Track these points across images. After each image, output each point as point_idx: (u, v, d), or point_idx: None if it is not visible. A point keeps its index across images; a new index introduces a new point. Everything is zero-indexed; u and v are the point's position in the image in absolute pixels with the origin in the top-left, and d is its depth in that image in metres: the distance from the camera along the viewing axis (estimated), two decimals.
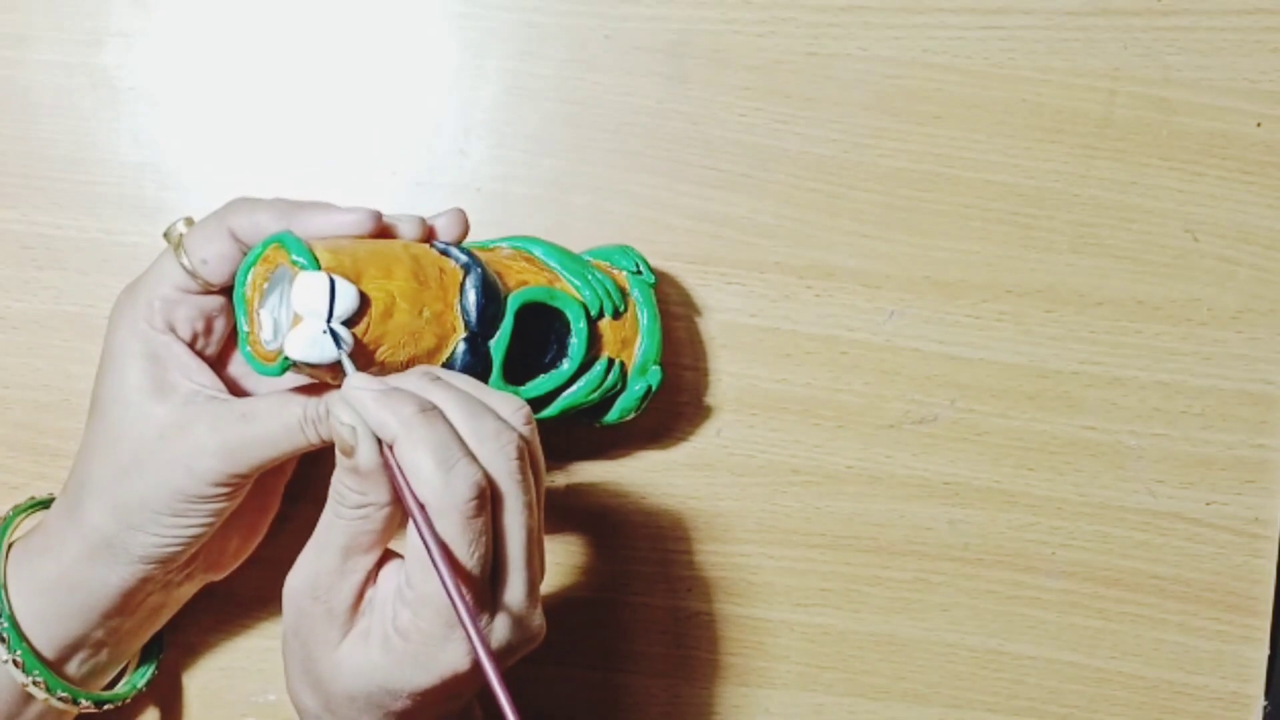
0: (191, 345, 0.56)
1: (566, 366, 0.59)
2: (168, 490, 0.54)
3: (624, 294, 0.61)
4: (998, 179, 0.66)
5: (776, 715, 0.67)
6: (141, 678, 0.62)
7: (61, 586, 0.56)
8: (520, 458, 0.50)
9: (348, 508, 0.50)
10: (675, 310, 0.66)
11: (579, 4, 0.66)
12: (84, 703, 0.58)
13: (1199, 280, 0.67)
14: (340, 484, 0.50)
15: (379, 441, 0.49)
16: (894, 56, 0.66)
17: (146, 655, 0.63)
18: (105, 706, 0.60)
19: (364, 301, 0.51)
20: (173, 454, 0.54)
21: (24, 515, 0.60)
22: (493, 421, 0.50)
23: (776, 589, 0.67)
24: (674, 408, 0.66)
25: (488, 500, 0.48)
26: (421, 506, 0.47)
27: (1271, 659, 0.67)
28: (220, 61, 0.66)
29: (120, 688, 0.61)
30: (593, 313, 0.59)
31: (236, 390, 0.58)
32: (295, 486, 0.63)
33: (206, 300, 0.56)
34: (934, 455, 0.67)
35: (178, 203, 0.65)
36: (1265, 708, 0.68)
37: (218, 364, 0.58)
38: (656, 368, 0.61)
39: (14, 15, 0.65)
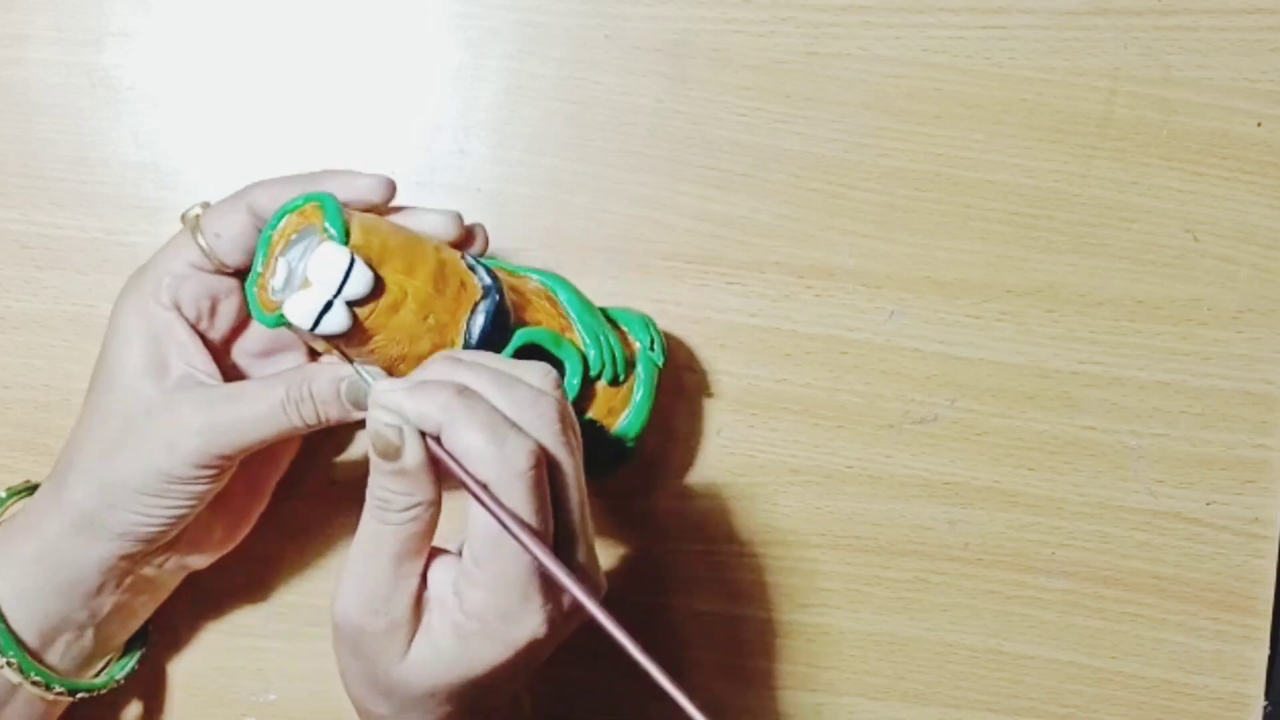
0: (195, 326, 0.57)
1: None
2: (150, 469, 0.54)
3: (630, 366, 0.60)
4: (998, 179, 0.66)
5: (778, 715, 0.67)
6: (121, 670, 0.61)
7: (42, 562, 0.56)
8: (561, 419, 0.50)
9: (396, 511, 0.49)
10: (675, 310, 0.66)
11: (579, 4, 0.66)
12: (57, 688, 0.58)
13: (1199, 280, 0.67)
14: (384, 490, 0.49)
15: (423, 436, 0.48)
16: (894, 56, 0.66)
17: (130, 650, 0.62)
18: (79, 695, 0.59)
19: (376, 290, 0.51)
20: (156, 432, 0.54)
21: (15, 499, 0.60)
22: (526, 390, 0.50)
23: (777, 589, 0.67)
24: (674, 407, 0.66)
25: (544, 467, 0.49)
26: (483, 485, 0.47)
27: (1271, 659, 0.67)
28: (220, 61, 0.66)
29: (98, 678, 0.61)
30: (592, 372, 0.58)
31: (234, 379, 0.58)
32: (286, 484, 0.63)
33: (216, 280, 0.57)
34: (934, 455, 0.67)
35: (178, 203, 0.65)
36: (1265, 708, 0.68)
37: (220, 353, 0.58)
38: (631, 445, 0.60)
39: (14, 15, 0.65)
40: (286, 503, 0.63)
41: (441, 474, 0.49)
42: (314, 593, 0.66)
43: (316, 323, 0.51)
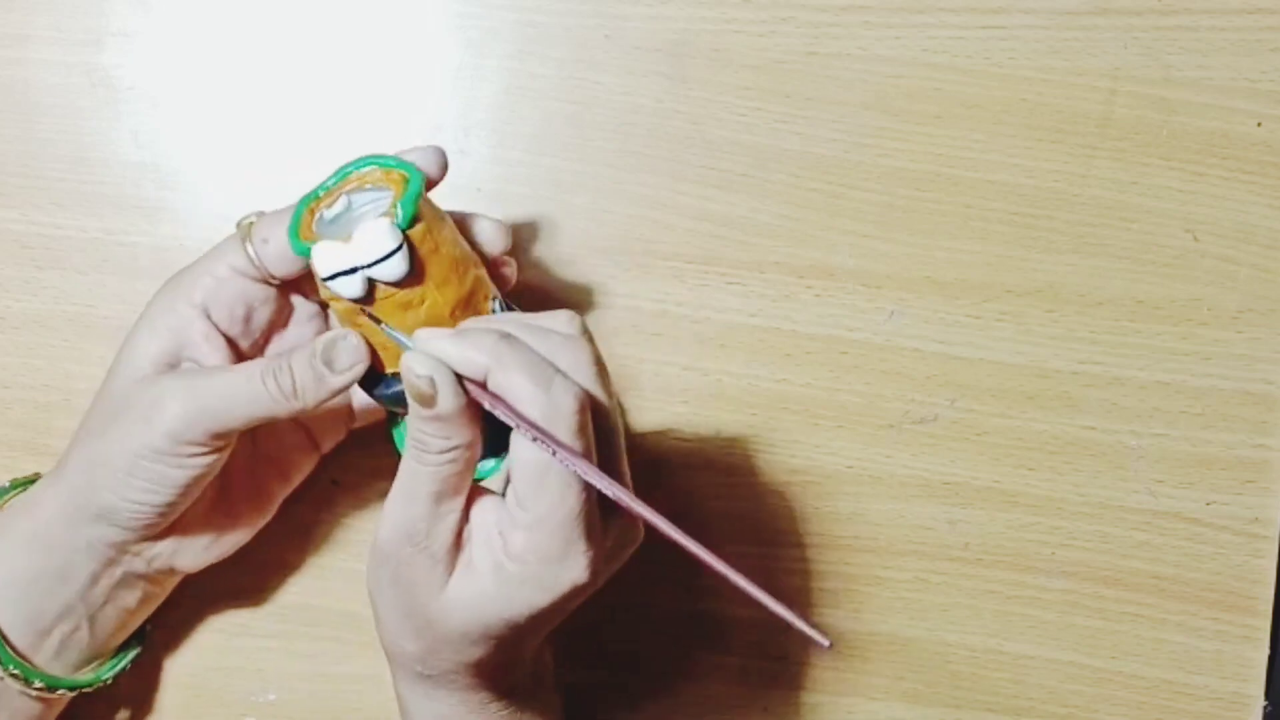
0: (227, 333, 0.57)
1: (493, 464, 0.55)
2: (133, 445, 0.54)
3: None
4: (998, 179, 0.66)
5: (776, 715, 0.67)
6: (109, 670, 0.61)
7: (36, 544, 0.56)
8: (595, 363, 0.51)
9: (432, 454, 0.50)
10: (675, 310, 0.66)
11: (579, 4, 0.66)
12: (37, 683, 0.57)
13: (1199, 280, 0.67)
14: (421, 433, 0.50)
15: (461, 383, 0.49)
16: (894, 56, 0.66)
17: (125, 649, 0.62)
18: (60, 691, 0.58)
19: (402, 282, 0.52)
20: (140, 409, 0.54)
21: (18, 490, 0.60)
22: (558, 337, 0.50)
23: (777, 589, 0.67)
24: (674, 408, 0.66)
25: (589, 411, 0.49)
26: (531, 424, 0.48)
27: (1271, 659, 0.67)
28: (220, 61, 0.66)
29: (84, 676, 0.60)
30: None
31: None
32: (293, 490, 0.63)
33: (254, 288, 0.57)
34: (934, 455, 0.67)
35: (178, 203, 0.65)
36: (1265, 708, 0.68)
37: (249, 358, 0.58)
38: None
39: (14, 15, 0.65)
40: (287, 504, 0.63)
41: (479, 414, 0.50)
42: (313, 593, 0.66)
43: (332, 276, 0.51)
